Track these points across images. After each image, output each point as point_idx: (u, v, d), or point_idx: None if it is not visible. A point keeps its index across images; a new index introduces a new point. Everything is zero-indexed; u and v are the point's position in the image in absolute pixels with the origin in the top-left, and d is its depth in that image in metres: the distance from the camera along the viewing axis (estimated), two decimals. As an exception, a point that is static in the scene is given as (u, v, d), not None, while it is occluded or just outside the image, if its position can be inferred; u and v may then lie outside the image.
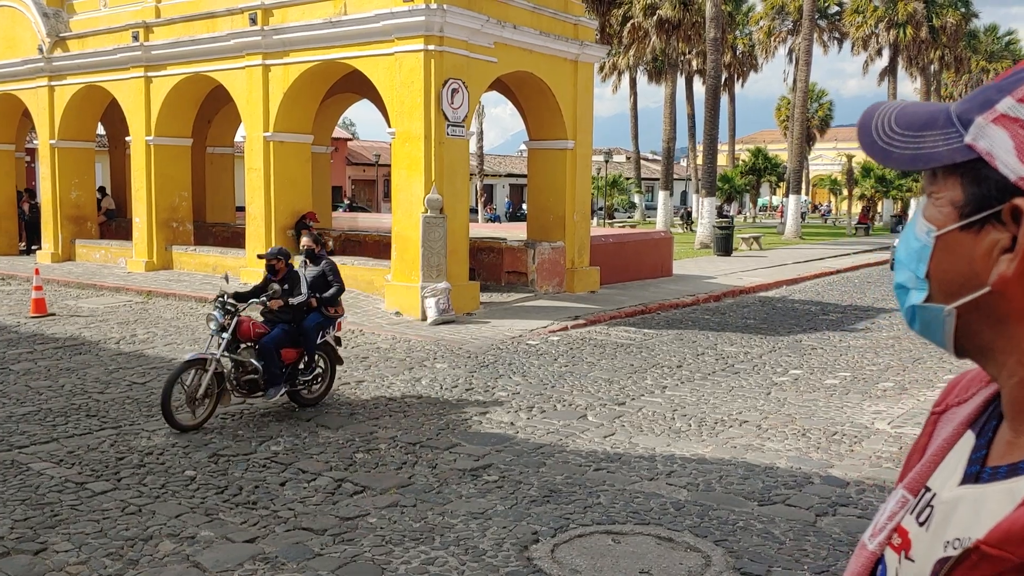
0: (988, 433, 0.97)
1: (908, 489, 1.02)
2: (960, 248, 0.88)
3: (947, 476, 0.97)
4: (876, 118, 0.94)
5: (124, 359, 10.85)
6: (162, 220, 19.36)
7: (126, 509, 5.92)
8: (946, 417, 1.08)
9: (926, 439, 1.09)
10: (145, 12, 19.17)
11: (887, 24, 46.68)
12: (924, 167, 0.90)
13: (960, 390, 1.09)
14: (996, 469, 0.90)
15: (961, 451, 0.98)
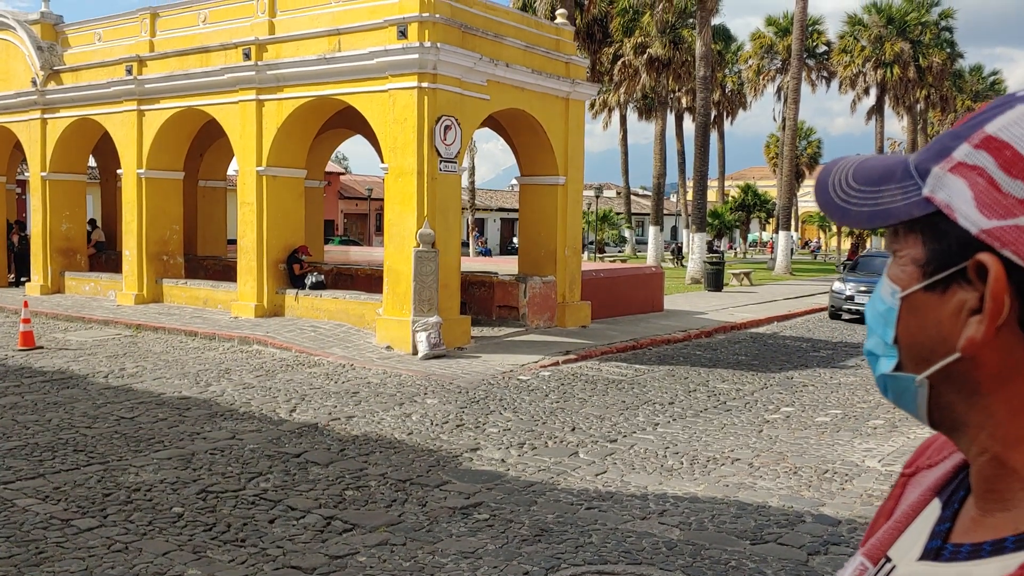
0: (955, 504, 0.89)
1: (868, 556, 0.95)
2: (926, 310, 0.81)
3: (908, 548, 0.90)
4: (833, 175, 0.87)
5: (112, 393, 10.77)
6: (153, 253, 19.33)
7: (112, 547, 5.84)
8: (916, 480, 1.01)
9: (893, 503, 1.01)
10: (139, 46, 19.29)
11: (874, 64, 47.36)
12: (882, 224, 0.83)
13: (932, 452, 1.02)
14: (958, 547, 0.83)
15: (925, 521, 0.91)
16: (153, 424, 9.21)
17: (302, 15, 16.30)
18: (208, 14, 18.20)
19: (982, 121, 0.78)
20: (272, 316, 16.83)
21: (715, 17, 33.64)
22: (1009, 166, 0.74)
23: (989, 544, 0.79)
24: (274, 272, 16.98)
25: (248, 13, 17.16)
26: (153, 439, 8.60)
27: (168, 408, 9.98)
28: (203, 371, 12.38)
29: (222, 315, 17.29)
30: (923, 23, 47.51)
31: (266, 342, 14.55)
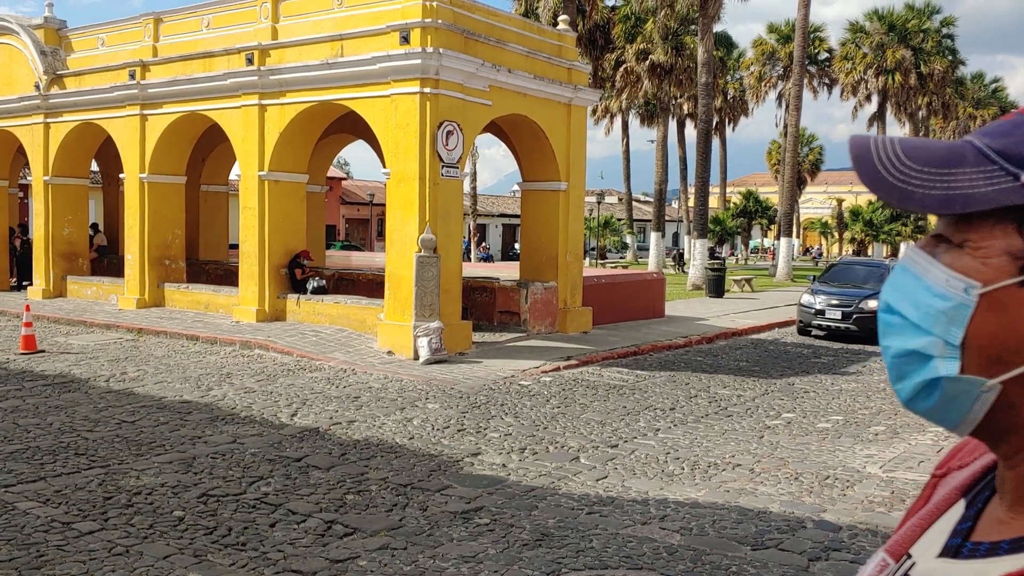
0: (979, 504, 0.89)
1: (889, 553, 0.94)
2: (1019, 307, 0.75)
3: (929, 545, 0.90)
4: (878, 151, 0.80)
5: (114, 397, 10.78)
6: (155, 257, 19.35)
7: (113, 550, 5.84)
8: (946, 481, 0.99)
9: (923, 503, 1.00)
10: (142, 51, 19.33)
11: (876, 71, 47.43)
12: (963, 210, 0.76)
13: (964, 454, 1.01)
14: (978, 545, 0.83)
15: (950, 519, 0.91)
16: (154, 428, 9.22)
17: (305, 21, 16.33)
18: (211, 19, 18.24)
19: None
20: (274, 321, 16.83)
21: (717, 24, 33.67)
22: None
23: (1008, 542, 0.79)
24: (276, 277, 16.99)
25: (251, 18, 17.20)
26: (154, 443, 8.61)
27: (169, 412, 9.99)
28: (204, 375, 12.39)
29: (224, 319, 17.30)
30: (924, 30, 47.58)
31: (267, 347, 14.56)
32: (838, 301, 18.38)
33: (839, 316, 18.04)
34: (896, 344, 0.83)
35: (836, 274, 20.64)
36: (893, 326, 0.83)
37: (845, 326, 17.94)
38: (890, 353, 0.83)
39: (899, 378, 0.83)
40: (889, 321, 0.84)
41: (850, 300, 18.19)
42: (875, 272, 19.91)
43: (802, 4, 33.74)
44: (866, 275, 19.76)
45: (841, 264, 22.34)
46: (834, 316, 18.16)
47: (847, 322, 17.91)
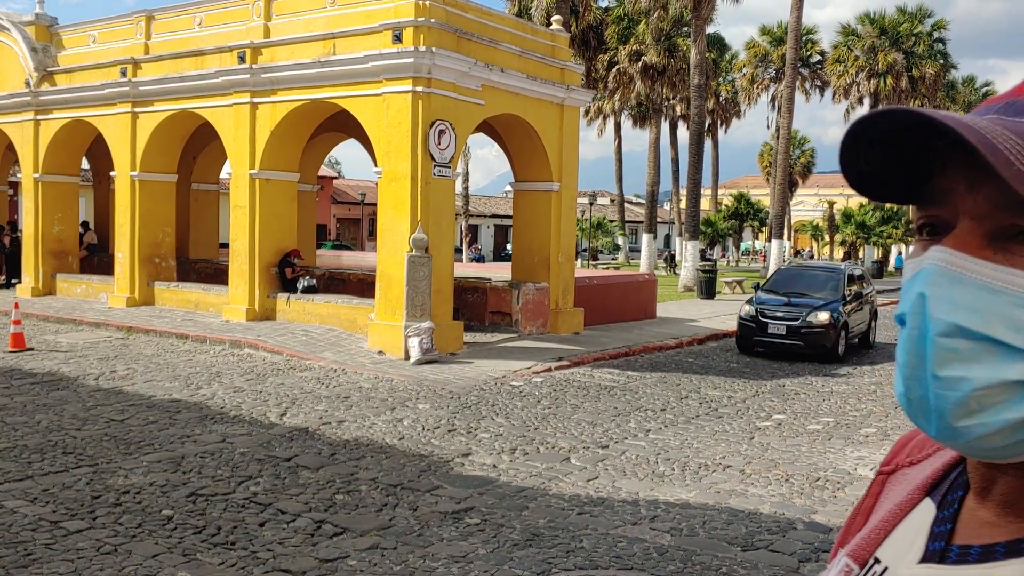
0: (953, 505, 0.84)
1: (853, 558, 0.90)
2: None
3: (902, 549, 0.85)
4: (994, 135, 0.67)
5: (103, 395, 10.72)
6: (145, 256, 19.27)
7: (101, 549, 5.81)
8: (895, 478, 0.96)
9: (872, 500, 0.96)
10: (134, 48, 19.25)
11: (868, 74, 47.58)
12: None
13: (912, 449, 0.97)
14: (966, 549, 0.78)
15: (919, 522, 0.86)
16: (143, 427, 9.17)
17: (297, 19, 16.29)
18: (203, 17, 18.18)
19: None
20: (264, 320, 16.78)
21: (710, 26, 33.75)
22: None
23: (1003, 545, 0.75)
24: (266, 276, 16.94)
25: (243, 17, 17.15)
26: (143, 442, 8.56)
27: (158, 411, 9.94)
28: (194, 374, 12.34)
29: (213, 318, 17.24)
30: (916, 34, 47.75)
31: (257, 346, 14.51)
32: (783, 313, 15.75)
33: (783, 331, 15.56)
34: (981, 375, 0.70)
35: (783, 280, 17.64)
36: (968, 353, 0.71)
37: (791, 342, 15.49)
38: (968, 387, 0.70)
39: (971, 414, 0.71)
40: (957, 347, 0.71)
41: (796, 312, 15.66)
42: (829, 278, 17.09)
43: (795, 7, 33.81)
44: (818, 281, 17.03)
45: (789, 269, 19.07)
46: (777, 331, 15.62)
47: (793, 338, 15.46)
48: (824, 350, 15.46)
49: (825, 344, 15.44)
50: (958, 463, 0.88)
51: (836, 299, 16.11)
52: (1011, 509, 0.77)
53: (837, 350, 15.58)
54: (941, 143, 0.75)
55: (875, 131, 0.76)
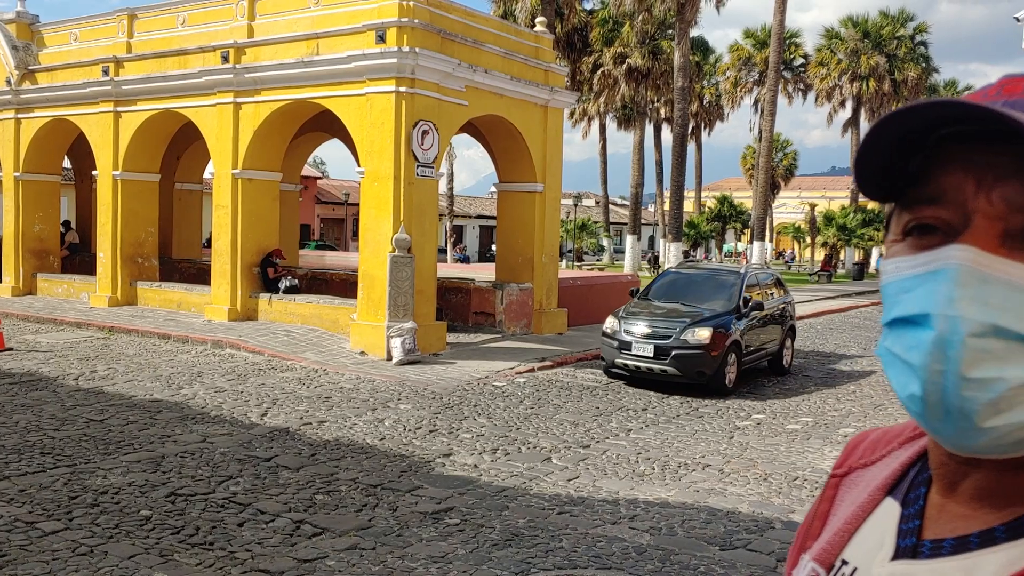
0: (918, 502, 0.84)
1: (819, 561, 0.90)
2: None
3: (871, 549, 0.85)
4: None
5: (82, 396, 10.66)
6: (127, 255, 19.17)
7: (77, 550, 5.78)
8: (850, 480, 0.96)
9: (828, 504, 0.96)
10: (116, 47, 19.15)
11: (850, 77, 47.88)
12: None
13: (864, 451, 0.97)
14: (938, 543, 0.79)
15: (884, 521, 0.86)
16: (123, 427, 9.13)
17: (281, 19, 16.25)
18: (187, 16, 18.10)
19: None
20: (245, 320, 16.72)
21: (694, 29, 33.89)
22: None
23: (976, 536, 0.76)
24: (248, 276, 16.88)
25: (227, 16, 17.08)
26: (122, 442, 8.52)
27: (139, 411, 9.89)
28: (175, 374, 12.29)
29: (196, 318, 17.17)
30: (898, 37, 48.09)
31: (239, 346, 14.46)
32: (650, 330, 12.44)
33: (650, 352, 12.24)
34: (1016, 374, 0.69)
35: (668, 286, 14.16)
36: (1002, 352, 0.70)
37: (660, 367, 12.15)
38: (1001, 387, 0.70)
39: (998, 413, 0.70)
40: (991, 347, 0.70)
41: (668, 328, 12.35)
42: (724, 284, 13.69)
43: (778, 10, 33.99)
44: (709, 288, 13.72)
45: (676, 272, 15.15)
46: (643, 351, 12.30)
47: (661, 361, 12.14)
48: (703, 378, 12.05)
49: (703, 370, 11.99)
50: (916, 462, 0.89)
51: (727, 311, 12.73)
52: (983, 501, 0.78)
53: (723, 378, 12.19)
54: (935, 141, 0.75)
55: (901, 126, 0.75)
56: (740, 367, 12.66)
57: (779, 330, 14.19)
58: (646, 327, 12.49)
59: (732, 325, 12.49)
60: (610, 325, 13.01)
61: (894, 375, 0.77)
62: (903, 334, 0.75)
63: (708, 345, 12.00)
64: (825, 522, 0.95)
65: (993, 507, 0.77)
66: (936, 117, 0.73)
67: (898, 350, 0.75)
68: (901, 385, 0.76)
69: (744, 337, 12.73)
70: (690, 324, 12.29)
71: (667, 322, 12.53)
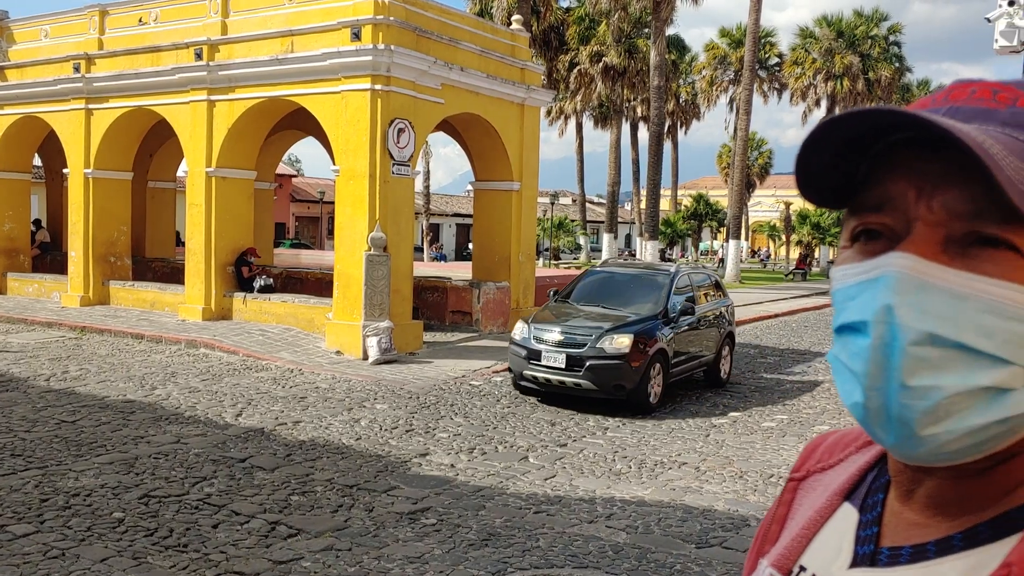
0: (875, 508, 0.84)
1: (776, 567, 0.89)
2: None
3: (829, 556, 0.85)
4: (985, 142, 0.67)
5: (54, 396, 10.53)
6: (99, 254, 18.96)
7: (48, 553, 5.70)
8: (808, 485, 0.95)
9: (786, 509, 0.96)
10: (87, 44, 18.93)
11: (824, 76, 48.19)
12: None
13: (822, 455, 0.96)
14: (896, 551, 0.78)
15: (842, 527, 0.86)
16: (95, 428, 9.02)
17: (255, 16, 16.13)
18: (159, 13, 17.92)
19: None
20: (220, 319, 16.59)
21: (670, 27, 34.01)
22: None
23: (933, 544, 0.76)
24: (222, 275, 16.75)
25: (200, 13, 16.94)
26: (95, 443, 8.42)
27: (112, 412, 9.79)
28: (149, 374, 12.17)
29: (169, 318, 17.01)
30: (872, 37, 48.47)
31: (213, 345, 14.34)
32: (563, 337, 10.99)
33: (562, 363, 10.80)
34: (952, 382, 0.69)
35: (590, 288, 12.74)
36: (941, 361, 0.69)
37: (573, 380, 10.72)
38: (939, 395, 0.69)
39: (938, 421, 0.70)
40: (930, 356, 0.70)
41: (584, 335, 10.92)
42: (651, 285, 12.29)
43: (753, 9, 34.18)
44: (634, 289, 12.32)
45: (600, 272, 13.45)
46: (554, 362, 10.84)
47: (574, 373, 10.71)
48: (622, 392, 10.68)
49: (623, 383, 10.61)
50: (874, 466, 0.88)
51: (653, 315, 11.44)
52: (938, 509, 0.78)
53: (646, 393, 10.83)
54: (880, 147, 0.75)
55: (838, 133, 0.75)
56: (667, 379, 11.34)
57: (715, 337, 12.77)
58: (559, 334, 11.02)
59: (658, 331, 11.19)
60: (519, 332, 11.52)
61: (840, 382, 0.76)
62: (848, 341, 0.74)
63: (628, 354, 10.60)
64: (783, 526, 0.94)
65: (949, 515, 0.76)
66: (877, 124, 0.73)
67: (844, 357, 0.75)
68: (846, 393, 0.75)
69: (672, 345, 11.40)
70: (608, 330, 10.88)
71: (583, 328, 11.12)
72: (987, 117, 0.72)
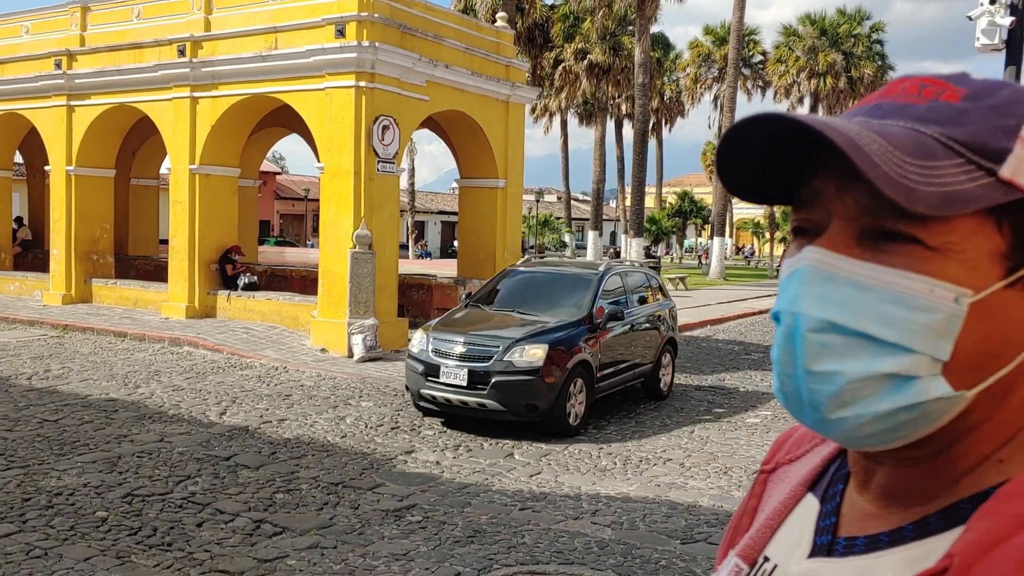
0: (835, 499, 0.85)
1: (742, 558, 0.90)
2: (1007, 311, 0.70)
3: (791, 546, 0.86)
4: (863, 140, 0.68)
5: (36, 395, 10.45)
6: (82, 252, 18.83)
7: (31, 553, 5.67)
8: (776, 476, 0.96)
9: (756, 500, 0.97)
10: (69, 40, 18.78)
11: (808, 74, 48.42)
12: (963, 209, 0.68)
13: (791, 446, 0.97)
14: (852, 541, 0.79)
15: (804, 518, 0.87)
16: (78, 427, 8.96)
17: (239, 12, 16.05)
18: (142, 9, 17.81)
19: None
20: (204, 317, 16.51)
21: (654, 25, 34.06)
22: None
23: (886, 535, 0.77)
24: (206, 272, 16.67)
25: (183, 9, 16.83)
26: (77, 442, 8.37)
27: (94, 410, 9.73)
28: (132, 373, 12.10)
29: (153, 316, 16.92)
30: (855, 35, 48.74)
31: (197, 343, 14.28)
32: (466, 349, 9.47)
33: (463, 380, 9.28)
34: (853, 368, 0.72)
35: (508, 290, 11.26)
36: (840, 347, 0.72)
37: (477, 399, 9.20)
38: (840, 380, 0.72)
39: (844, 406, 0.72)
40: (829, 342, 0.73)
41: (490, 347, 9.40)
42: (578, 286, 10.77)
43: (737, 7, 34.28)
44: (559, 292, 10.78)
45: (519, 272, 11.73)
46: (455, 379, 9.32)
47: (479, 392, 9.18)
48: (535, 413, 9.15)
49: (536, 402, 9.10)
50: (836, 457, 0.89)
51: (575, 321, 9.93)
52: (890, 500, 0.79)
53: (563, 413, 9.29)
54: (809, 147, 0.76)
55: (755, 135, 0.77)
56: (593, 395, 9.91)
57: (653, 344, 11.42)
58: (461, 346, 9.47)
59: (580, 340, 9.69)
60: (416, 343, 9.96)
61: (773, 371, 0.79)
62: (775, 333, 0.78)
63: (542, 368, 9.11)
64: (753, 518, 0.95)
65: (901, 506, 0.78)
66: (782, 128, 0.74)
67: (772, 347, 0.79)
68: (774, 381, 0.79)
69: (598, 356, 9.98)
70: (519, 340, 9.32)
71: (490, 338, 9.54)
72: (901, 112, 0.74)
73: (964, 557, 0.69)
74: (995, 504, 0.71)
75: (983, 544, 0.69)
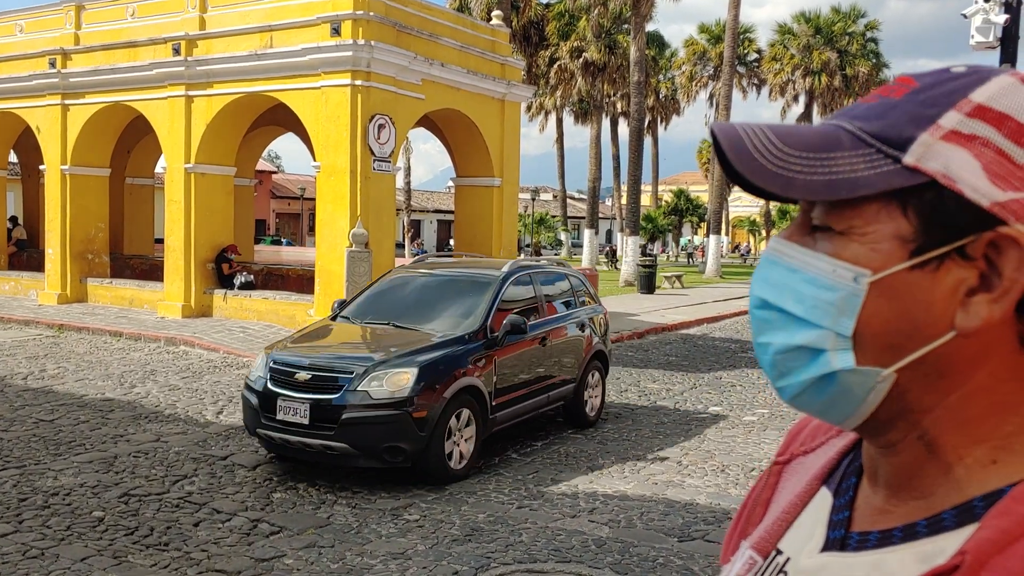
0: (848, 492, 0.86)
1: (756, 550, 0.91)
2: (914, 292, 0.72)
3: (804, 540, 0.86)
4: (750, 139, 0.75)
5: (31, 395, 10.43)
6: (77, 252, 18.80)
7: (28, 553, 5.66)
8: (791, 468, 0.97)
9: (770, 492, 0.97)
10: (63, 39, 18.74)
11: (803, 72, 48.48)
12: (849, 194, 0.72)
13: (805, 438, 0.98)
14: (865, 536, 0.80)
15: (818, 511, 0.87)
16: (74, 427, 8.95)
17: (233, 11, 16.03)
18: (136, 8, 17.78)
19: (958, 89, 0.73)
20: (200, 316, 16.50)
21: (649, 23, 34.05)
22: (1018, 137, 0.71)
23: (899, 530, 0.77)
24: (202, 272, 16.65)
25: (178, 8, 16.81)
26: (74, 442, 8.36)
27: (90, 410, 9.71)
28: (128, 372, 12.08)
29: (148, 315, 16.90)
30: (850, 33, 48.80)
31: (193, 343, 14.26)
32: (309, 376, 7.37)
33: (304, 417, 7.18)
34: (778, 340, 0.78)
35: (388, 297, 9.23)
36: (771, 322, 0.79)
37: (320, 440, 7.13)
38: (771, 350, 0.78)
39: (782, 375, 0.78)
40: (765, 317, 0.79)
41: (341, 372, 7.35)
42: (475, 289, 8.77)
43: (732, 5, 34.30)
44: (451, 298, 8.82)
45: (403, 274, 9.91)
46: (294, 416, 7.23)
47: (326, 432, 7.10)
48: (401, 457, 7.16)
49: (399, 444, 7.09)
50: (851, 450, 0.90)
51: (463, 336, 7.98)
52: (896, 493, 0.79)
53: (442, 456, 7.34)
54: None
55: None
56: (487, 429, 8.00)
57: (573, 360, 9.47)
58: (305, 371, 7.36)
59: (467, 359, 7.73)
60: (256, 367, 7.82)
61: None
62: None
63: (409, 399, 7.14)
64: (767, 510, 0.95)
65: (911, 501, 0.78)
66: None
67: None
68: None
69: (493, 378, 8.02)
70: (379, 364, 7.33)
71: (343, 360, 7.55)
72: (853, 110, 0.78)
73: (976, 555, 0.70)
74: (1010, 503, 0.71)
75: (996, 542, 0.69)
